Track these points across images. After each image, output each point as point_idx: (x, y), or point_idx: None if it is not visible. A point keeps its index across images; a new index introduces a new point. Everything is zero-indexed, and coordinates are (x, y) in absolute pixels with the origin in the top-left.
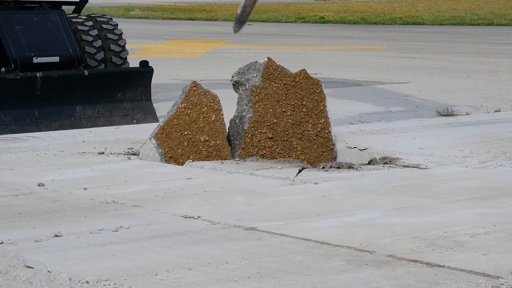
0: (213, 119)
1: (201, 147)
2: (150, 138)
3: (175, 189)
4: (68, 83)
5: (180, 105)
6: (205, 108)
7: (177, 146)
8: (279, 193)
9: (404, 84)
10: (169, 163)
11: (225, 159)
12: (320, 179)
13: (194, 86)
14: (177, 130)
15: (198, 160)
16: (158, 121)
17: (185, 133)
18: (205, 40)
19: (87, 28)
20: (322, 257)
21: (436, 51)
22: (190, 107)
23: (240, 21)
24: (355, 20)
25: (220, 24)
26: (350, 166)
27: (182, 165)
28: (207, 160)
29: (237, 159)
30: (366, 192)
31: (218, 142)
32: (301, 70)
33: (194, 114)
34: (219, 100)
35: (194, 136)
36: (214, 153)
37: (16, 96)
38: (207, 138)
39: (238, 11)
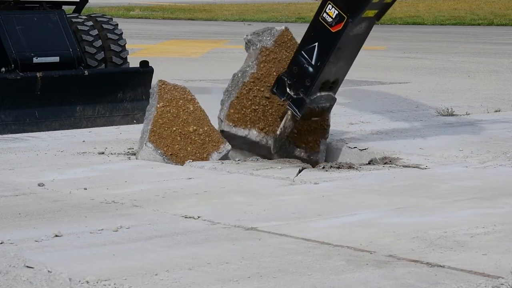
0: (191, 109)
1: (193, 137)
2: (146, 143)
3: (175, 189)
4: (68, 83)
5: (158, 105)
6: (181, 101)
7: (172, 142)
8: (279, 193)
9: (404, 84)
10: (172, 162)
11: (218, 142)
12: (320, 179)
13: (163, 84)
14: (166, 128)
15: (197, 150)
16: None
17: (174, 128)
18: (205, 40)
19: (87, 28)
20: (322, 257)
21: (436, 51)
22: (167, 104)
23: (280, 141)
24: None
25: (220, 24)
26: (350, 166)
27: (184, 159)
28: (204, 148)
29: (237, 159)
30: (366, 192)
31: (206, 128)
32: None
33: (173, 110)
34: (189, 91)
35: (183, 129)
36: (207, 139)
37: (16, 96)
38: (195, 127)
39: (278, 132)
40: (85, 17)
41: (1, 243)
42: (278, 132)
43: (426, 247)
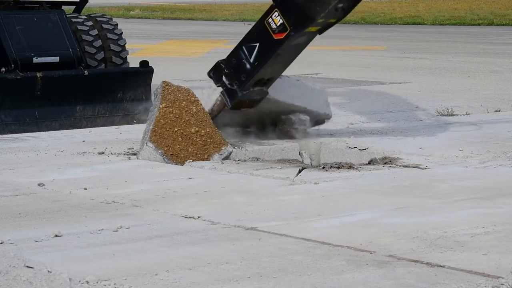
0: (194, 110)
1: (195, 138)
2: (146, 143)
3: (175, 189)
4: (68, 83)
5: (160, 106)
6: (184, 102)
7: (173, 142)
8: (279, 193)
9: (404, 84)
10: (172, 162)
11: (219, 144)
12: (320, 179)
13: (166, 85)
14: (168, 129)
15: (198, 151)
16: None
17: (176, 129)
18: (205, 40)
19: (87, 28)
20: (322, 257)
21: (436, 51)
22: (170, 105)
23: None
24: (355, 20)
25: (220, 24)
26: (350, 166)
27: (184, 159)
28: (205, 149)
29: (237, 159)
30: (366, 192)
31: (208, 130)
32: None
33: (176, 111)
34: (193, 92)
35: (184, 130)
36: (209, 140)
37: (16, 96)
38: (197, 129)
39: (207, 109)
40: (85, 17)
41: (1, 243)
42: (207, 110)
43: (426, 247)
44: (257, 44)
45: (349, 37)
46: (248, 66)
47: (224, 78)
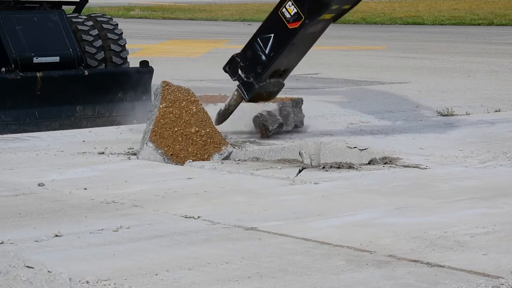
0: (194, 110)
1: (195, 138)
2: (146, 143)
3: (175, 189)
4: (68, 83)
5: (160, 106)
6: (184, 102)
7: (173, 142)
8: (279, 193)
9: (404, 84)
10: (172, 162)
11: (220, 144)
12: (320, 179)
13: (166, 85)
14: (168, 129)
15: (198, 151)
16: None
17: (176, 129)
18: (205, 40)
19: (87, 28)
20: (322, 257)
21: (436, 51)
22: (170, 105)
23: (223, 117)
24: (355, 20)
25: (220, 24)
26: (350, 166)
27: (184, 159)
28: (205, 149)
29: (237, 159)
30: (366, 192)
31: (208, 130)
32: None
33: (176, 111)
34: (193, 92)
35: (185, 130)
36: (209, 140)
37: (16, 96)
38: (197, 128)
39: (222, 108)
40: (85, 17)
41: (1, 243)
42: (222, 108)
43: (426, 247)
44: (272, 35)
45: (349, 37)
46: (263, 57)
47: (240, 72)
